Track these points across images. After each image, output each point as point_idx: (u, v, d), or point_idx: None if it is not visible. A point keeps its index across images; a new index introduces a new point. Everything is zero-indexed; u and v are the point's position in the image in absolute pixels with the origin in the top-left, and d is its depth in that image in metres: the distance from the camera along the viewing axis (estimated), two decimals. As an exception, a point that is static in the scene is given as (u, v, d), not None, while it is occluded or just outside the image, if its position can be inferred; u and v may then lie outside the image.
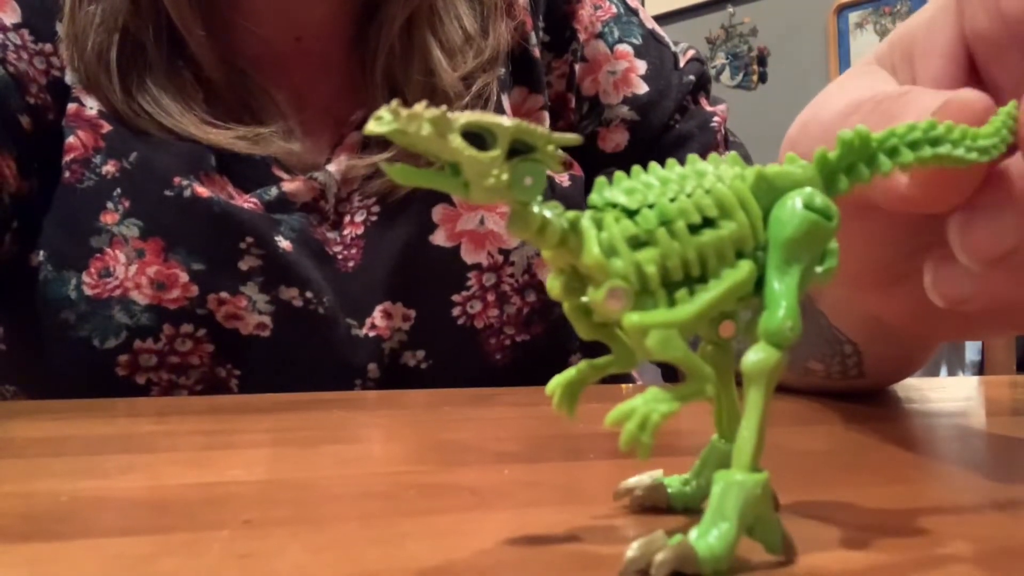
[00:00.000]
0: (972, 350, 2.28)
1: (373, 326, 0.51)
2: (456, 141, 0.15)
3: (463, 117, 0.15)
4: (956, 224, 0.22)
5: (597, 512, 0.21)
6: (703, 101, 0.62)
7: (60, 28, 0.53)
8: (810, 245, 0.18)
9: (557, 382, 0.19)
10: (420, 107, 0.15)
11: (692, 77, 0.61)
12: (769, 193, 0.18)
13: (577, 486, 0.25)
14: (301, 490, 0.23)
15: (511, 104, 0.59)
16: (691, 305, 0.17)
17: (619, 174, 0.18)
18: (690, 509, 0.20)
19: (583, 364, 0.19)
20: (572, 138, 0.17)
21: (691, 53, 0.63)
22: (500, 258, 0.53)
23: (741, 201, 0.18)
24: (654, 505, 0.20)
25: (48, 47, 0.53)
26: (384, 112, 0.15)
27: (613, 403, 0.17)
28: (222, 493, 0.23)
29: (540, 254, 0.58)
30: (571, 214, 0.17)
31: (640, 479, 0.21)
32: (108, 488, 0.24)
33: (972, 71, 0.26)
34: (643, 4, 0.66)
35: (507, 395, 0.45)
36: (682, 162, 0.19)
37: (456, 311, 0.53)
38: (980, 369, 2.14)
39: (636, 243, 0.17)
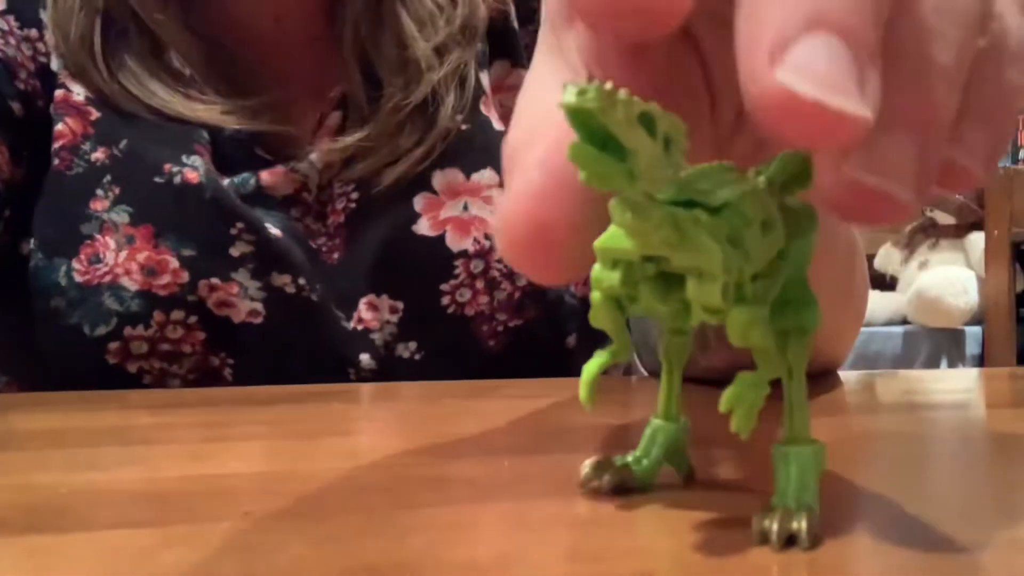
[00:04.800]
0: (973, 343, 2.28)
1: (360, 319, 0.51)
2: (639, 129, 0.15)
3: (638, 104, 0.15)
4: None
5: (597, 504, 0.21)
6: None
7: (44, 15, 0.53)
8: None
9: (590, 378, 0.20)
10: (611, 86, 0.14)
11: None
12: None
13: (576, 478, 0.25)
14: (301, 483, 0.23)
15: (492, 79, 0.58)
16: (763, 301, 0.18)
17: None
18: (647, 486, 0.22)
19: (605, 358, 0.20)
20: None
21: None
22: (487, 243, 0.53)
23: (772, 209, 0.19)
24: (623, 486, 0.21)
25: (34, 32, 0.52)
26: (590, 88, 0.14)
27: (610, 396, 0.17)
28: (222, 486, 0.23)
29: None
30: (673, 210, 0.17)
31: (593, 465, 0.22)
32: (107, 481, 0.24)
33: None
34: None
35: (506, 388, 0.45)
36: None
37: (445, 300, 0.52)
38: (980, 361, 2.15)
39: (731, 242, 0.17)
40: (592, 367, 0.20)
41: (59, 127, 0.51)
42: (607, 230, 0.18)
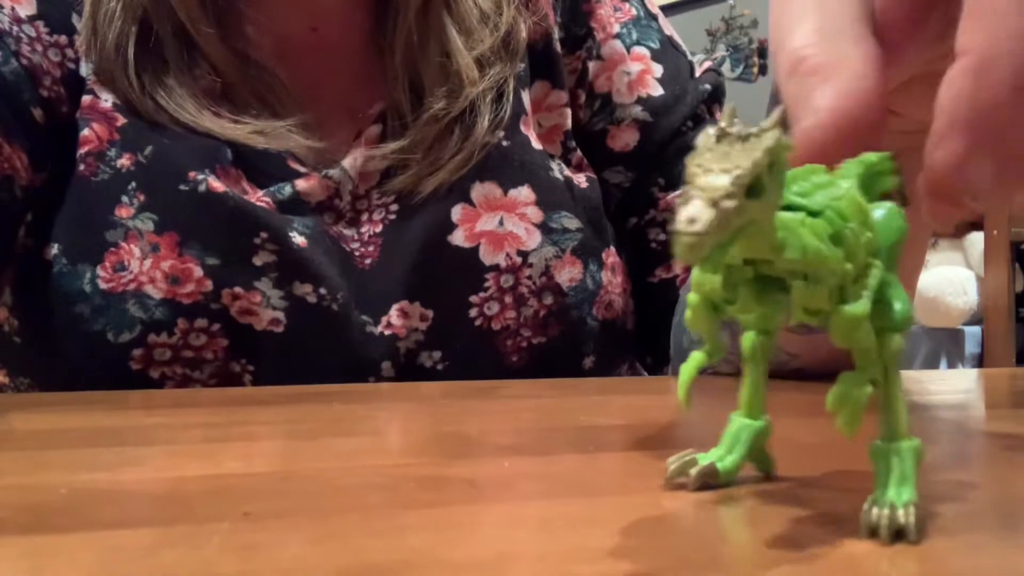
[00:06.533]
0: (972, 343, 2.28)
1: (389, 324, 0.51)
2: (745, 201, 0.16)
3: (743, 175, 0.15)
4: None
5: (598, 504, 0.21)
6: (718, 112, 0.62)
7: (77, 20, 0.53)
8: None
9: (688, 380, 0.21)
10: (714, 189, 0.15)
11: (708, 86, 0.61)
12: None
13: (579, 478, 0.25)
14: (302, 482, 0.23)
15: (532, 99, 0.58)
16: (867, 301, 0.18)
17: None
18: (730, 483, 0.22)
19: (701, 359, 0.21)
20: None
21: (707, 64, 0.63)
22: (518, 260, 0.53)
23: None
24: (707, 484, 0.22)
25: (63, 39, 0.53)
26: (698, 213, 0.15)
27: (617, 396, 0.17)
28: (222, 485, 0.23)
29: (558, 256, 0.58)
30: (780, 213, 0.17)
31: (679, 462, 0.22)
32: (108, 480, 0.24)
33: None
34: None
35: (511, 388, 0.45)
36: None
37: (473, 312, 0.52)
38: (980, 362, 2.15)
39: (834, 244, 0.18)
40: (689, 368, 0.21)
41: (85, 132, 0.51)
42: None
